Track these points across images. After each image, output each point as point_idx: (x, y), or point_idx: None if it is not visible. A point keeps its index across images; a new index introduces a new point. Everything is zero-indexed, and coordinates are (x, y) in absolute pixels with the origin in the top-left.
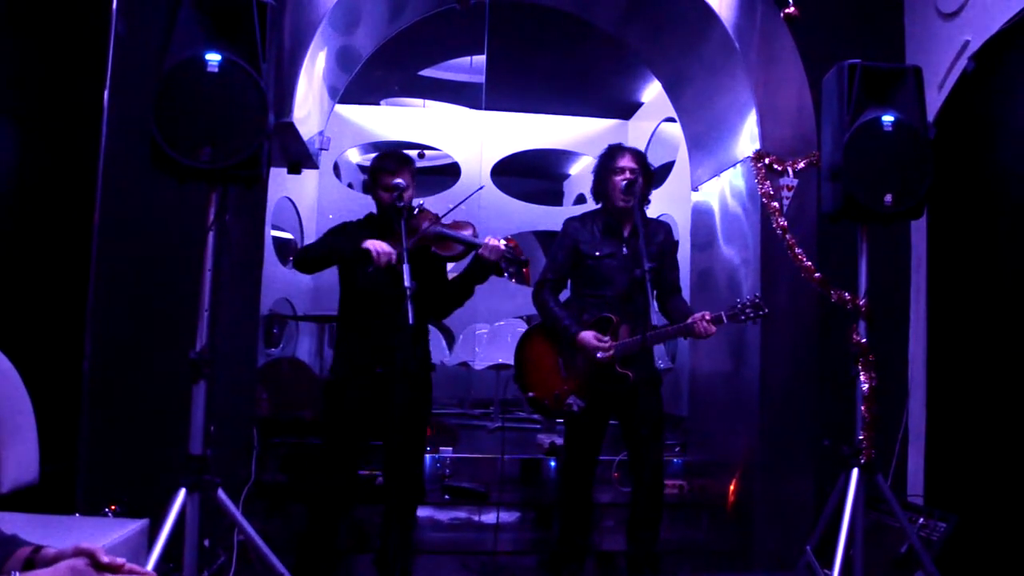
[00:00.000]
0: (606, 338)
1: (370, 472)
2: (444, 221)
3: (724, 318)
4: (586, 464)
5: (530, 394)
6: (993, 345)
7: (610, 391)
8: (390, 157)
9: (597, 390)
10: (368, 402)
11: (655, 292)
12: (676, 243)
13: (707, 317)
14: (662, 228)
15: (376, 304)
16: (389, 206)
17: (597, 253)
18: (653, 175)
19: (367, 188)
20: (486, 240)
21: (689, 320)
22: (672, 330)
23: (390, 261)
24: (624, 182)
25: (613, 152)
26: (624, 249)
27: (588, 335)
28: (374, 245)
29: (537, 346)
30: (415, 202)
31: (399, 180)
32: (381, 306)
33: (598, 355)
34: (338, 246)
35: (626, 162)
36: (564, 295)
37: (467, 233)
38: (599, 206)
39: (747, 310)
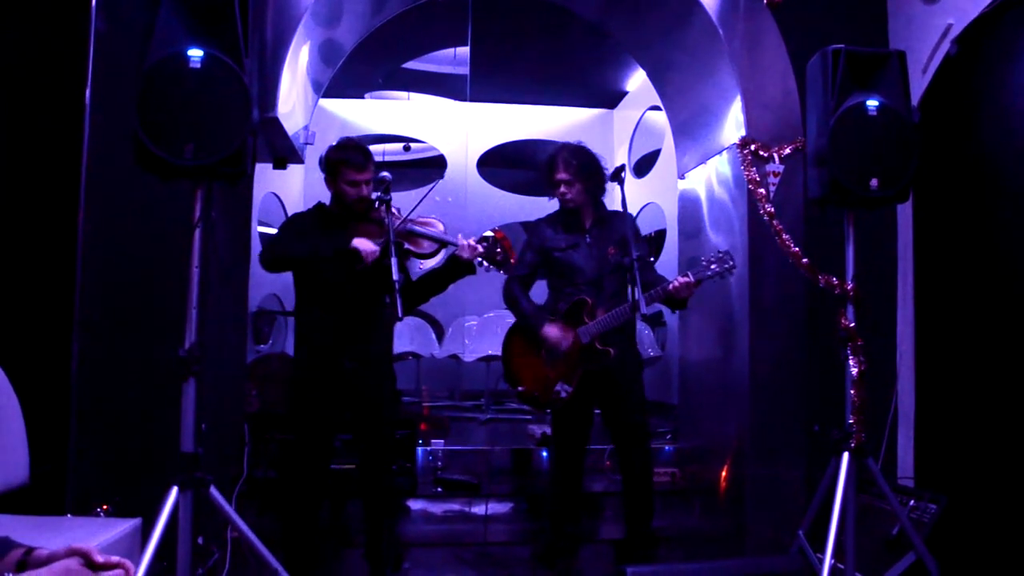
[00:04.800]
0: (569, 334)
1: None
2: (411, 217)
3: (691, 276)
4: (575, 454)
5: (520, 388)
6: (980, 327)
7: (594, 371)
8: (357, 150)
9: (583, 373)
10: (338, 397)
11: (619, 275)
12: (637, 229)
13: (685, 282)
14: (620, 218)
15: (344, 298)
16: (356, 201)
17: (563, 245)
18: (596, 170)
19: (327, 180)
20: (459, 240)
21: (670, 287)
22: (649, 296)
23: (375, 259)
24: (565, 196)
25: (553, 162)
26: (588, 238)
27: (551, 329)
28: (362, 245)
29: (520, 342)
30: (373, 195)
31: (367, 176)
32: (349, 300)
33: (561, 346)
34: (318, 248)
35: (560, 175)
36: (542, 296)
37: (439, 230)
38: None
39: (712, 266)
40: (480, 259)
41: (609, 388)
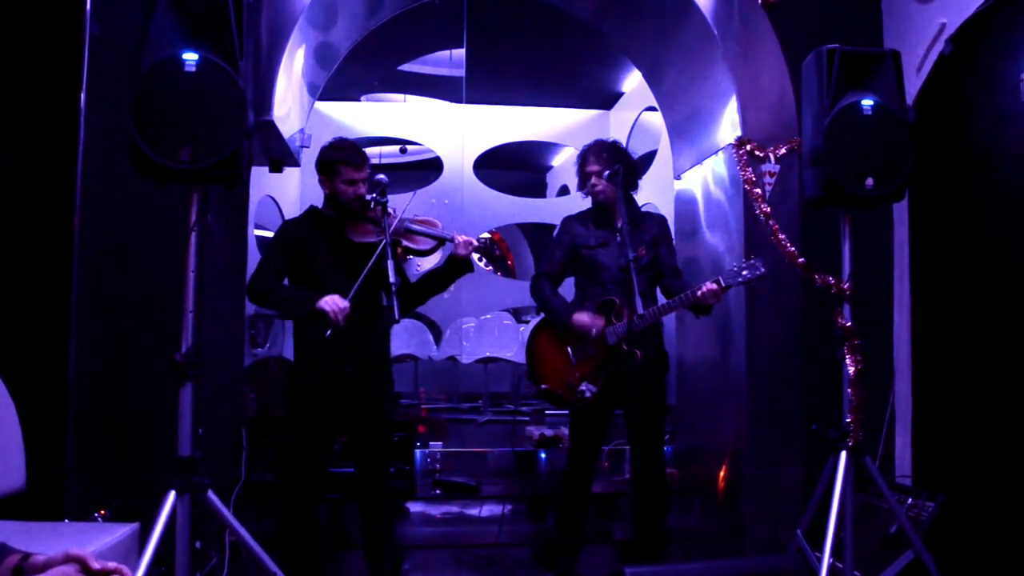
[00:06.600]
0: (599, 319)
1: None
2: (408, 216)
3: (722, 281)
4: (591, 453)
5: (543, 386)
6: (977, 325)
7: (621, 373)
8: (354, 149)
9: (607, 374)
10: (339, 400)
11: (648, 275)
12: (669, 233)
13: (712, 288)
14: (654, 219)
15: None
16: (353, 201)
17: (592, 242)
18: (632, 162)
19: (322, 181)
20: (455, 237)
21: (698, 293)
22: (673, 302)
23: (346, 315)
24: (595, 188)
25: (584, 155)
26: (618, 237)
27: (581, 315)
28: (328, 305)
29: (546, 339)
30: (368, 196)
31: (364, 175)
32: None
33: (592, 332)
34: (291, 304)
35: (592, 166)
36: (569, 294)
37: (437, 228)
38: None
39: (743, 272)
40: (478, 254)
41: (632, 389)
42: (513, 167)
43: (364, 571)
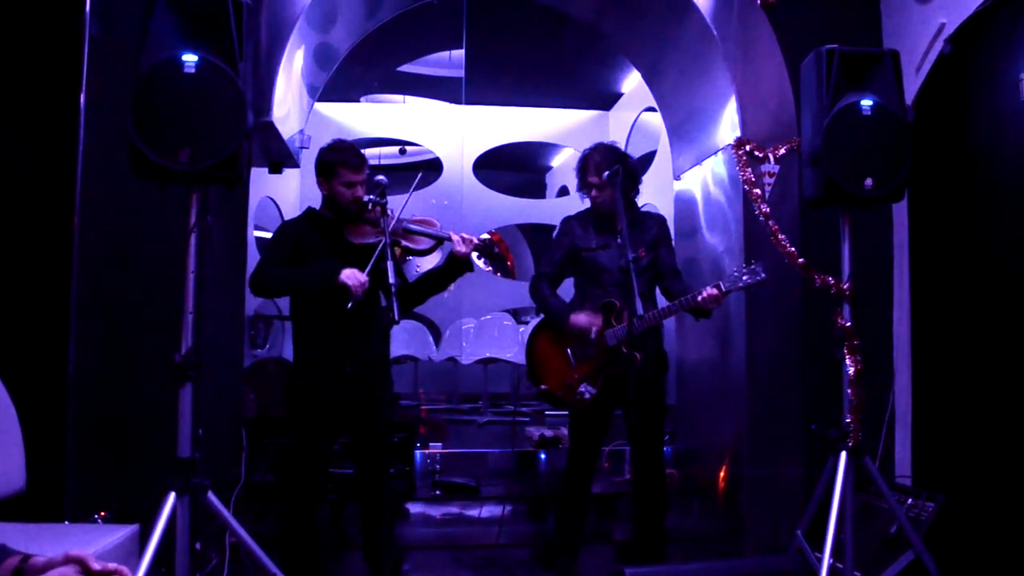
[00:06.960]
0: (597, 318)
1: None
2: (407, 216)
3: (723, 287)
4: (590, 455)
5: (542, 387)
6: (976, 325)
7: (620, 375)
8: (352, 151)
9: (607, 376)
10: (339, 401)
11: (648, 276)
12: (669, 234)
13: (713, 293)
14: (654, 220)
15: (340, 303)
16: (351, 203)
17: (592, 244)
18: (633, 168)
19: (321, 182)
20: (452, 235)
21: (699, 298)
22: (674, 306)
23: (366, 289)
24: (596, 200)
25: (585, 163)
26: (618, 239)
27: (579, 316)
28: (351, 279)
29: (546, 340)
30: (366, 197)
31: (363, 177)
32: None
33: (591, 332)
34: (308, 281)
35: (592, 177)
36: (569, 295)
37: (435, 227)
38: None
39: (744, 277)
40: (478, 253)
41: (632, 390)
42: (513, 168)
43: (364, 572)
